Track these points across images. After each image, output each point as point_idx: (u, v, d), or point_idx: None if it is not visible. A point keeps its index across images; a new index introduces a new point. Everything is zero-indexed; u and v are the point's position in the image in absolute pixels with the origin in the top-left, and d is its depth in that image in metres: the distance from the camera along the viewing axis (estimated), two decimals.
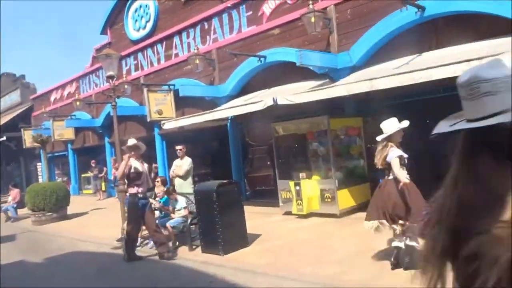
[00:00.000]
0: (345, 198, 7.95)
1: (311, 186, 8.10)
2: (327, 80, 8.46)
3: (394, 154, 4.40)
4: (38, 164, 22.46)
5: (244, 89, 10.67)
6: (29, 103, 22.66)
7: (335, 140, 8.21)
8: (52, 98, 20.28)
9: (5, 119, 23.84)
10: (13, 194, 13.93)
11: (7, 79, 26.07)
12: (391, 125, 4.52)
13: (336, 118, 8.26)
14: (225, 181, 6.55)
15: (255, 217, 8.28)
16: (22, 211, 13.25)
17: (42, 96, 21.39)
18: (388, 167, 4.50)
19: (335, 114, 8.49)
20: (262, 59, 9.66)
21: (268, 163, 11.37)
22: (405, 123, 4.51)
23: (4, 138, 22.20)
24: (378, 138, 4.60)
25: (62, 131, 16.81)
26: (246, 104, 8.02)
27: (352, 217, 7.68)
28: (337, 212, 7.74)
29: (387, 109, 7.79)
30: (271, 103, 7.22)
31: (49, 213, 11.65)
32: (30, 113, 22.26)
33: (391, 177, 4.51)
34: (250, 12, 10.57)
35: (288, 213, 8.46)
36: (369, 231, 4.59)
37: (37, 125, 19.55)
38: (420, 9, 7.01)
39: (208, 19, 11.71)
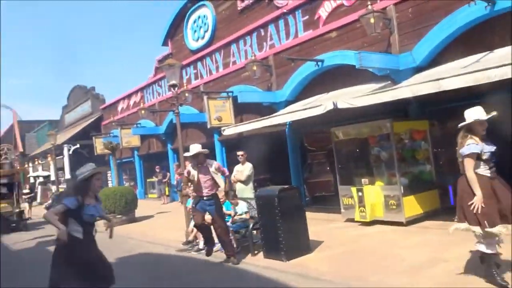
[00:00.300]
0: (412, 205, 7.61)
1: (374, 192, 7.87)
2: (389, 82, 8.19)
3: (466, 150, 3.96)
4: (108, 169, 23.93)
5: (302, 94, 10.64)
6: (99, 113, 24.24)
7: (399, 144, 7.90)
8: (119, 108, 21.52)
9: (78, 128, 25.74)
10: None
11: (79, 91, 28.17)
12: (472, 114, 4.03)
13: (400, 122, 7.96)
14: (286, 186, 6.55)
15: (316, 223, 8.18)
16: None
17: (110, 106, 22.78)
18: (462, 161, 4.07)
19: (398, 117, 8.20)
20: (319, 63, 9.59)
21: (328, 168, 11.22)
22: (489, 115, 4.00)
23: (78, 145, 23.99)
24: (459, 125, 4.16)
25: (129, 138, 17.81)
26: (305, 109, 7.97)
27: (420, 226, 7.34)
28: (403, 220, 7.44)
29: (455, 111, 7.42)
30: (331, 107, 7.12)
31: (119, 216, 12.34)
32: (100, 122, 23.79)
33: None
34: (307, 17, 10.53)
35: (350, 220, 8.27)
36: (438, 241, 4.34)
37: (107, 133, 20.86)
38: (490, 3, 6.58)
39: (264, 25, 11.84)
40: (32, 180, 30.07)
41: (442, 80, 5.51)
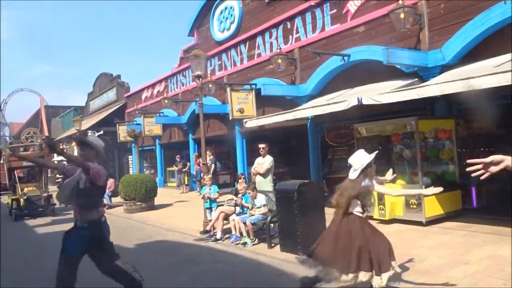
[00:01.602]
0: (433, 206, 7.47)
1: None
2: (416, 79, 8.04)
3: None
4: (130, 156, 24.37)
5: (326, 88, 10.54)
6: (123, 100, 24.62)
7: (423, 143, 7.77)
8: (143, 96, 21.82)
9: (103, 115, 26.21)
10: (109, 183, 15.22)
11: (105, 79, 28.64)
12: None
13: (425, 120, 7.80)
14: (306, 181, 6.52)
15: None
16: (115, 199, 14.46)
17: (134, 95, 23.11)
18: None
19: (423, 115, 8.04)
20: (345, 58, 9.46)
21: (348, 164, 11.10)
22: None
23: (102, 132, 24.45)
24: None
25: (152, 127, 18.06)
26: (328, 104, 7.89)
27: (440, 226, 7.21)
28: (423, 220, 7.32)
29: (483, 111, 7.23)
30: (355, 103, 7.02)
31: (139, 203, 12.59)
32: (124, 110, 24.16)
33: None
34: (334, 10, 10.40)
35: (369, 217, 8.07)
36: (459, 243, 4.23)
37: (130, 121, 21.19)
38: None
39: (291, 18, 11.75)
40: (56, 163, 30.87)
41: (473, 79, 5.36)
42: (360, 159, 4.05)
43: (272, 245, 6.70)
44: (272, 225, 6.92)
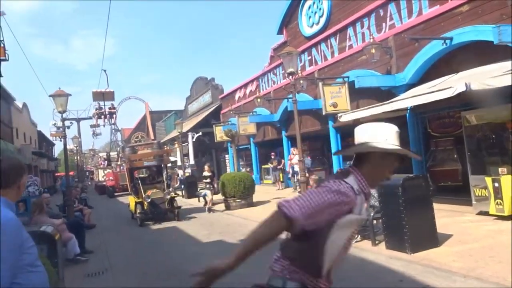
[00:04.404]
0: None
1: None
2: None
3: None
4: (226, 155, 25.46)
5: (425, 76, 9.89)
6: (218, 102, 25.79)
7: None
8: (236, 97, 22.61)
9: (200, 117, 27.79)
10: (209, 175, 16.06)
11: (201, 83, 30.30)
12: None
13: None
14: (411, 175, 6.21)
15: (443, 215, 7.65)
16: (216, 197, 15.20)
17: (228, 96, 24.07)
18: None
19: None
20: (447, 41, 8.77)
21: (455, 156, 10.37)
22: None
23: (200, 133, 25.96)
24: None
25: (246, 126, 18.64)
26: (432, 92, 7.38)
27: None
28: None
29: None
30: (463, 89, 6.46)
31: (239, 200, 13.09)
32: (219, 111, 25.31)
33: None
34: None
35: (484, 213, 7.50)
36: None
37: (225, 122, 22.12)
38: None
39: (384, 5, 11.22)
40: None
41: None
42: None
43: (377, 242, 6.51)
44: (375, 221, 6.72)
